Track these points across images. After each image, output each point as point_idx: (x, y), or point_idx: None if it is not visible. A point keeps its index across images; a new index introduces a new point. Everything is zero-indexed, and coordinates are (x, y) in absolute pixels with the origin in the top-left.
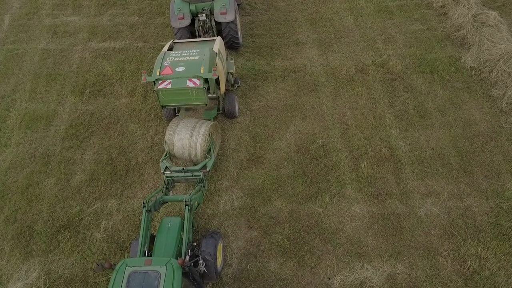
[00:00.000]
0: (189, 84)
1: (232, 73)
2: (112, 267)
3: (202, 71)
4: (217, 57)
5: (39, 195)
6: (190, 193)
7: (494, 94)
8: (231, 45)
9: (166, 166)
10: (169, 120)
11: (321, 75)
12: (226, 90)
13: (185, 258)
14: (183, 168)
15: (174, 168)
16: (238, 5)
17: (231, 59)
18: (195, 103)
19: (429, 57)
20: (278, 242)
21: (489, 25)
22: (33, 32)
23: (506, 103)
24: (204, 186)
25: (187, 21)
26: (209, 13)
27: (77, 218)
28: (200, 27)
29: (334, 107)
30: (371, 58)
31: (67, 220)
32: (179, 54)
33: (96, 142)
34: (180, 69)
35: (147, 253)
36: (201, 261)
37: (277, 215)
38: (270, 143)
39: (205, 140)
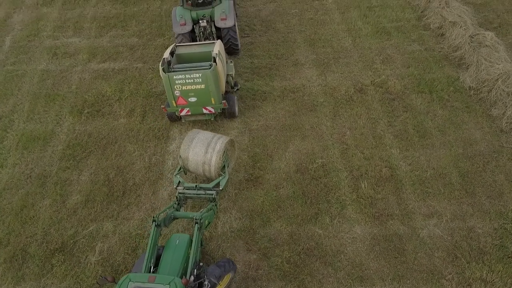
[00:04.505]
0: (205, 111)
1: (232, 76)
2: (115, 281)
3: (213, 102)
4: (217, 58)
5: (33, 217)
6: (201, 211)
7: (494, 114)
8: (231, 50)
9: (179, 181)
10: (172, 120)
11: (320, 95)
12: (226, 91)
13: (189, 278)
14: (196, 185)
15: (187, 184)
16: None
17: (231, 62)
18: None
19: (427, 77)
20: (278, 265)
21: (486, 46)
22: (34, 53)
23: (506, 123)
24: (216, 205)
25: (188, 27)
26: (209, 20)
27: (71, 241)
28: (201, 33)
29: (334, 127)
30: (369, 78)
31: (62, 243)
32: (184, 79)
33: (93, 163)
34: (192, 99)
35: (153, 269)
36: (206, 282)
37: (277, 237)
38: (269, 163)
39: (220, 157)
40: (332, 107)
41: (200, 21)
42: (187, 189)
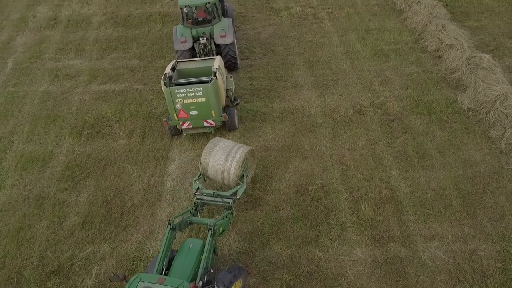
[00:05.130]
0: (206, 124)
1: (231, 90)
2: (126, 279)
3: (214, 115)
4: (218, 72)
5: (30, 239)
6: (216, 218)
7: (493, 135)
8: (230, 66)
9: (198, 187)
10: (173, 134)
11: (319, 116)
12: (226, 105)
13: (198, 283)
14: (213, 192)
15: (205, 191)
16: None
17: (231, 77)
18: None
19: (426, 98)
20: None
21: (483, 68)
22: (35, 75)
23: (505, 144)
24: (232, 214)
25: (189, 44)
26: (209, 37)
27: (68, 263)
28: (201, 50)
29: (333, 148)
30: (368, 100)
31: (58, 266)
32: (185, 93)
33: (91, 184)
34: (194, 112)
35: (164, 271)
36: None
37: (276, 260)
38: (269, 184)
39: (239, 167)
40: (331, 128)
41: (200, 39)
42: (205, 195)
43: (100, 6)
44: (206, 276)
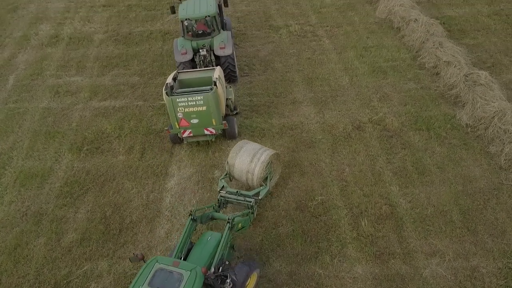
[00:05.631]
0: (207, 132)
1: (231, 100)
2: (144, 259)
3: (214, 123)
4: (218, 82)
5: (27, 256)
6: (236, 214)
7: (492, 151)
8: (230, 77)
9: (223, 185)
10: (174, 143)
11: (318, 132)
12: (226, 114)
13: (210, 270)
14: (237, 191)
15: (229, 189)
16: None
17: (230, 87)
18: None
19: (424, 114)
20: None
21: (481, 84)
22: (36, 91)
23: (505, 160)
24: (253, 213)
25: (189, 56)
26: (209, 49)
27: (65, 281)
28: (201, 61)
29: (332, 164)
30: (367, 116)
31: (54, 283)
32: (186, 102)
33: (90, 200)
34: (195, 121)
35: (182, 260)
36: (228, 280)
37: (276, 278)
38: (268, 200)
39: (263, 168)
40: (331, 144)
41: (200, 50)
42: (229, 193)
43: (102, 24)
44: (221, 267)
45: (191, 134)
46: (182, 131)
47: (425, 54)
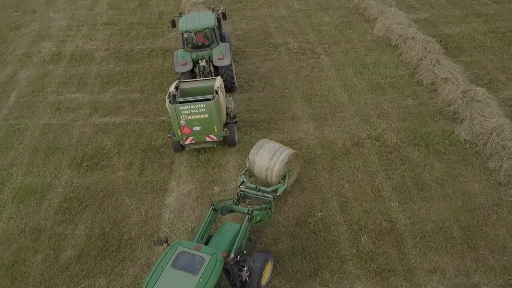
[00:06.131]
0: (208, 139)
1: (231, 108)
2: (167, 242)
3: (216, 130)
4: (219, 91)
5: (24, 273)
6: (255, 207)
7: (491, 167)
8: (228, 87)
9: (243, 180)
10: (176, 151)
11: (317, 148)
12: (226, 122)
13: (230, 255)
14: (256, 187)
15: (249, 184)
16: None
17: (229, 96)
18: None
19: (423, 130)
20: None
21: (479, 101)
22: (37, 108)
23: (504, 176)
24: (270, 209)
25: (189, 67)
26: (208, 60)
27: None
28: (201, 72)
29: (332, 180)
30: (366, 132)
31: None
32: (189, 110)
33: (89, 216)
34: (197, 128)
35: None
36: (245, 269)
37: None
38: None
39: (283, 166)
40: (330, 159)
41: (200, 61)
42: (248, 188)
43: (103, 42)
44: (238, 256)
45: (193, 141)
46: (184, 138)
47: (423, 71)
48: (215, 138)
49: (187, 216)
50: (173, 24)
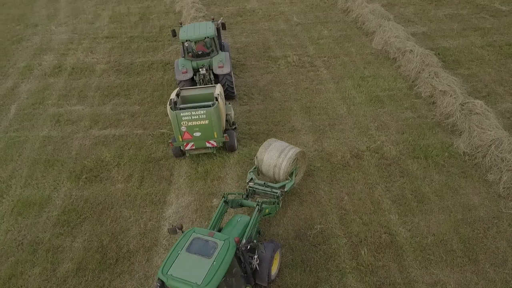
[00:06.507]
0: (208, 145)
1: (230, 115)
2: (182, 229)
3: (216, 136)
4: (219, 98)
5: (21, 286)
6: (264, 200)
7: (490, 179)
8: (228, 94)
9: (251, 177)
10: (177, 156)
11: (316, 160)
12: (225, 129)
13: (242, 241)
14: (264, 183)
15: (257, 181)
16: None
17: (229, 103)
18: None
19: (422, 143)
20: None
21: (477, 113)
22: (37, 120)
23: (503, 188)
24: (278, 203)
25: (189, 75)
26: (208, 68)
27: None
28: (201, 80)
29: (331, 192)
30: (365, 144)
31: None
32: (190, 116)
33: (87, 229)
34: (197, 134)
35: None
36: (256, 257)
37: None
38: (267, 229)
39: (290, 163)
40: (329, 172)
41: (200, 70)
42: (257, 184)
43: (104, 55)
44: (249, 243)
45: (194, 147)
46: (185, 144)
47: (421, 83)
48: (215, 144)
49: (186, 228)
50: (174, 33)
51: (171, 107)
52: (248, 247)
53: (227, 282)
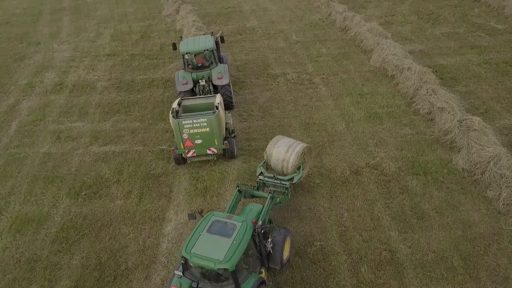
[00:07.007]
0: (209, 152)
1: (230, 124)
2: (201, 214)
3: (216, 143)
4: (219, 107)
5: None
6: (275, 189)
7: (490, 195)
8: (227, 104)
9: (261, 171)
10: (178, 164)
11: (316, 176)
12: (225, 137)
13: (258, 222)
14: (273, 176)
15: (267, 174)
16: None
17: (228, 112)
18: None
19: (421, 159)
20: None
21: (475, 130)
22: (38, 137)
23: (503, 204)
24: (287, 194)
25: (189, 86)
26: (207, 79)
27: None
28: (201, 91)
29: (331, 208)
30: (364, 160)
31: None
32: (191, 124)
33: (86, 246)
34: (198, 141)
35: None
36: (270, 240)
37: None
38: None
39: (298, 158)
40: (329, 188)
41: (200, 81)
42: (267, 177)
43: (105, 72)
44: (264, 226)
45: (195, 154)
46: (186, 151)
47: (419, 100)
48: (216, 151)
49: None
50: (174, 47)
51: (173, 116)
52: (263, 230)
53: (245, 261)
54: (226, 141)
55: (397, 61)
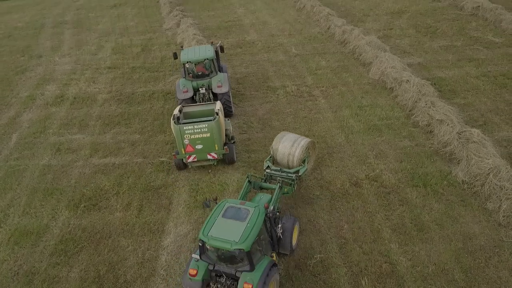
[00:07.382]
0: (209, 157)
1: (229, 130)
2: (216, 201)
3: (216, 148)
4: (219, 113)
5: None
6: (283, 180)
7: (490, 207)
8: (226, 111)
9: (268, 165)
10: (179, 169)
11: (315, 188)
12: (225, 143)
13: (270, 207)
14: (280, 169)
15: (273, 167)
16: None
17: (228, 119)
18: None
19: (420, 171)
20: None
21: (474, 142)
22: (38, 149)
23: (503, 216)
24: (294, 186)
25: (190, 94)
26: (207, 88)
27: None
28: (201, 99)
29: (331, 220)
30: (364, 172)
31: None
32: (192, 129)
33: (84, 258)
34: (199, 146)
35: None
36: (280, 226)
37: None
38: None
39: (302, 151)
40: (329, 200)
41: (200, 89)
42: (273, 170)
43: (106, 85)
44: (275, 211)
45: (196, 159)
46: (187, 157)
47: (418, 113)
48: (216, 156)
49: (184, 258)
50: (175, 56)
51: (174, 122)
52: (274, 216)
53: (259, 243)
54: (226, 147)
55: (395, 73)
